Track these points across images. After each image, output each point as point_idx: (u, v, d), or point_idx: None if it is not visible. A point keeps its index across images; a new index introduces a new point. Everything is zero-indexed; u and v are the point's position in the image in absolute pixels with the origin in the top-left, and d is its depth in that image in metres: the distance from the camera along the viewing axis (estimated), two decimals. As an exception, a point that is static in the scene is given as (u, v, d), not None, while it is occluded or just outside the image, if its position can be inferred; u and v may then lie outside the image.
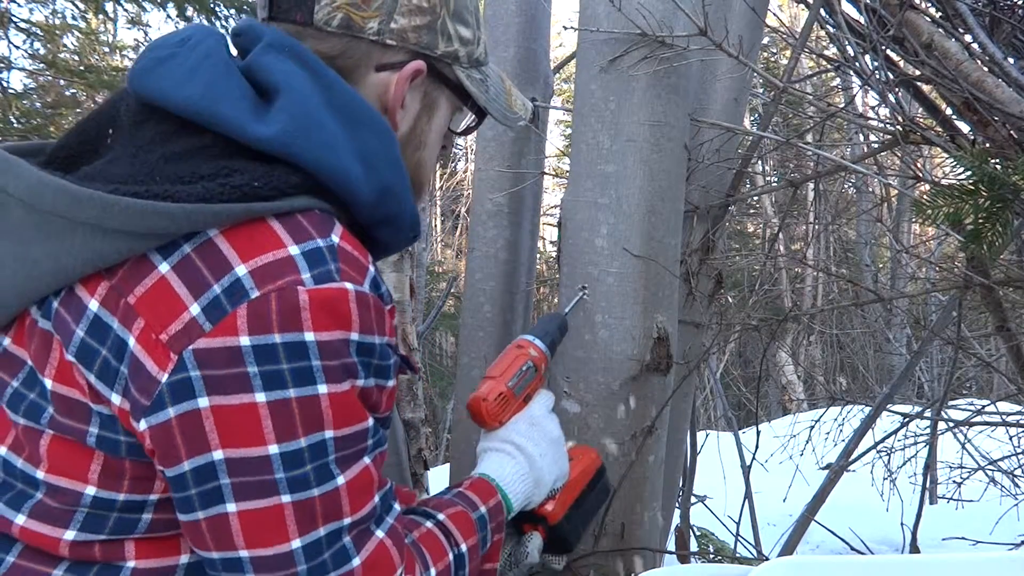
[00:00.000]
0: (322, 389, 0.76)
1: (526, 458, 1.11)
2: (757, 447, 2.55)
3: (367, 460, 0.82)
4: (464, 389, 2.22)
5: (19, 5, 6.39)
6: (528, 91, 2.17)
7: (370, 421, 0.82)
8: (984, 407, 2.94)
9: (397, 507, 0.88)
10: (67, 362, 0.76)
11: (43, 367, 0.78)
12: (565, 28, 2.00)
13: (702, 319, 1.90)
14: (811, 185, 5.41)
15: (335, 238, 0.80)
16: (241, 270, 0.74)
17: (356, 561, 0.80)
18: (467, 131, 1.04)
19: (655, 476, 1.63)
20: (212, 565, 0.78)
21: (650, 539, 1.62)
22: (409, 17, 0.90)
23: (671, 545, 2.17)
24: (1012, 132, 1.56)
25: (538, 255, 2.60)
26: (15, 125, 6.44)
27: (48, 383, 0.77)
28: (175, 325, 0.73)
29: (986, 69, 1.51)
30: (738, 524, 2.41)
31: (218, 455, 0.73)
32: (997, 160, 1.47)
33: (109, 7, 6.46)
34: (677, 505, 2.18)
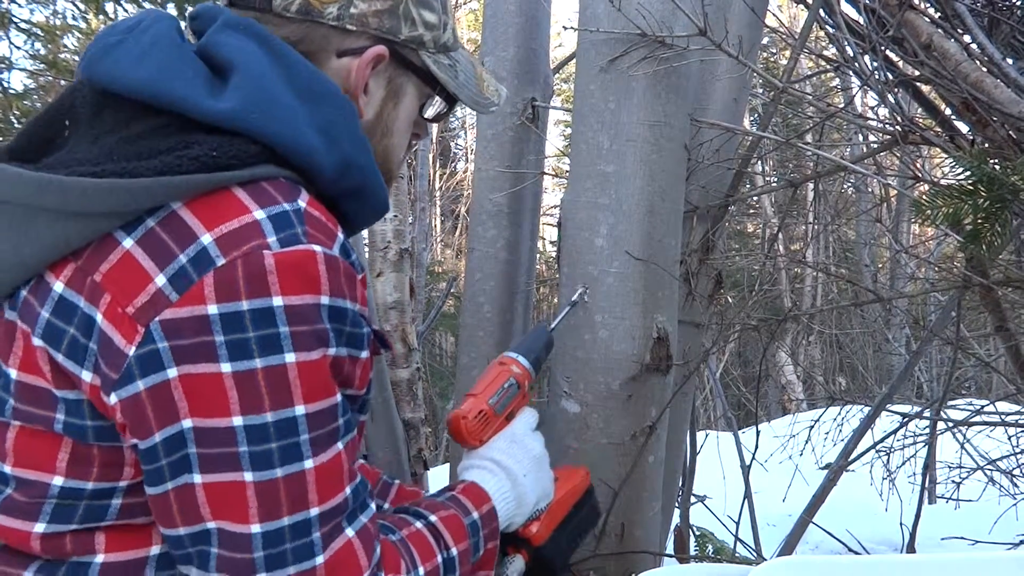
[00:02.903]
0: (290, 358, 0.73)
1: (507, 476, 1.06)
2: (757, 447, 2.55)
3: (340, 445, 0.79)
4: (464, 389, 2.21)
5: (20, 5, 6.40)
6: (528, 91, 2.17)
7: (339, 397, 0.79)
8: (983, 407, 2.94)
9: (373, 506, 0.84)
10: (32, 348, 0.75)
11: (7, 357, 0.77)
12: (565, 28, 2.00)
13: (702, 319, 1.90)
14: (811, 185, 5.41)
15: (301, 203, 0.79)
16: (207, 238, 0.73)
17: (319, 559, 0.76)
18: (438, 118, 1.03)
19: (655, 476, 1.63)
20: (180, 544, 0.76)
21: (650, 539, 1.62)
22: (369, 2, 0.89)
23: (671, 545, 2.18)
24: (1011, 132, 1.56)
25: (538, 255, 2.60)
26: (15, 125, 6.44)
27: (12, 373, 0.77)
28: (141, 297, 0.72)
29: (985, 70, 1.51)
30: (737, 524, 2.42)
31: (187, 423, 0.72)
32: (996, 160, 1.47)
33: (109, 8, 6.45)
34: (677, 505, 2.19)
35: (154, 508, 0.76)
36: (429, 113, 1.01)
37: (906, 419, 2.62)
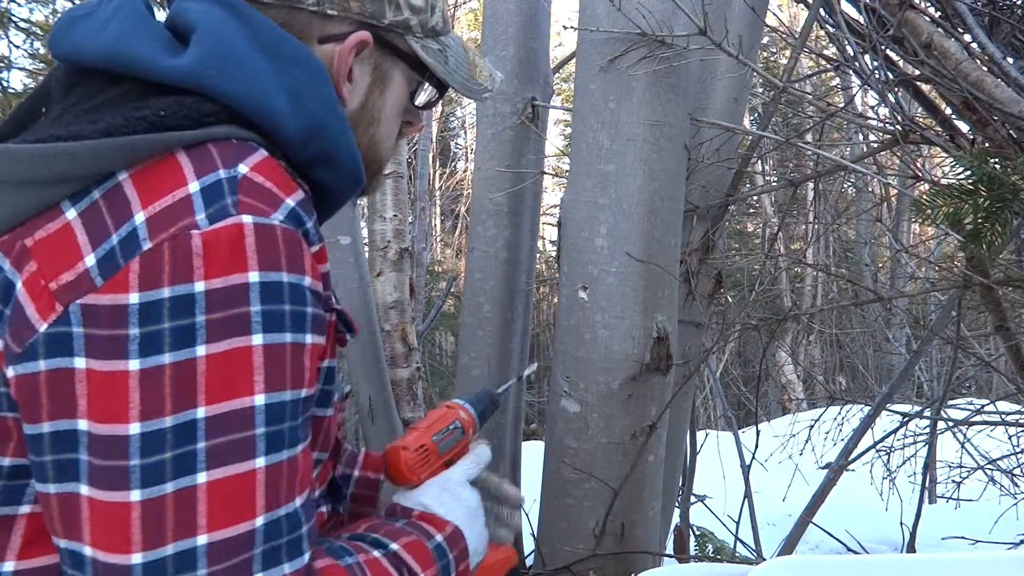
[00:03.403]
0: (200, 351, 0.65)
1: None
2: (757, 447, 2.55)
3: (257, 463, 0.66)
4: (464, 388, 2.22)
5: (19, 5, 6.40)
6: (528, 91, 2.17)
7: (261, 399, 0.66)
8: (983, 407, 2.94)
9: (305, 558, 0.70)
10: None
11: None
12: (565, 28, 2.00)
13: (702, 319, 1.90)
14: (811, 185, 5.41)
15: (242, 168, 0.71)
16: (139, 218, 0.67)
17: None
18: (428, 105, 0.98)
19: (655, 475, 1.63)
20: (61, 557, 0.67)
21: (650, 538, 1.62)
22: None
23: (671, 544, 2.18)
24: (1011, 132, 1.56)
25: (538, 255, 2.60)
26: (15, 125, 6.43)
27: None
28: (67, 275, 0.66)
29: (985, 69, 1.51)
30: (737, 524, 2.41)
31: (82, 424, 0.65)
32: (996, 160, 1.47)
33: (109, 7, 6.45)
34: (677, 504, 2.18)
35: (41, 505, 0.69)
36: (420, 100, 0.96)
37: (906, 419, 2.62)
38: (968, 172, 1.29)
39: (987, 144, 1.61)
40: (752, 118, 7.65)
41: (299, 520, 0.70)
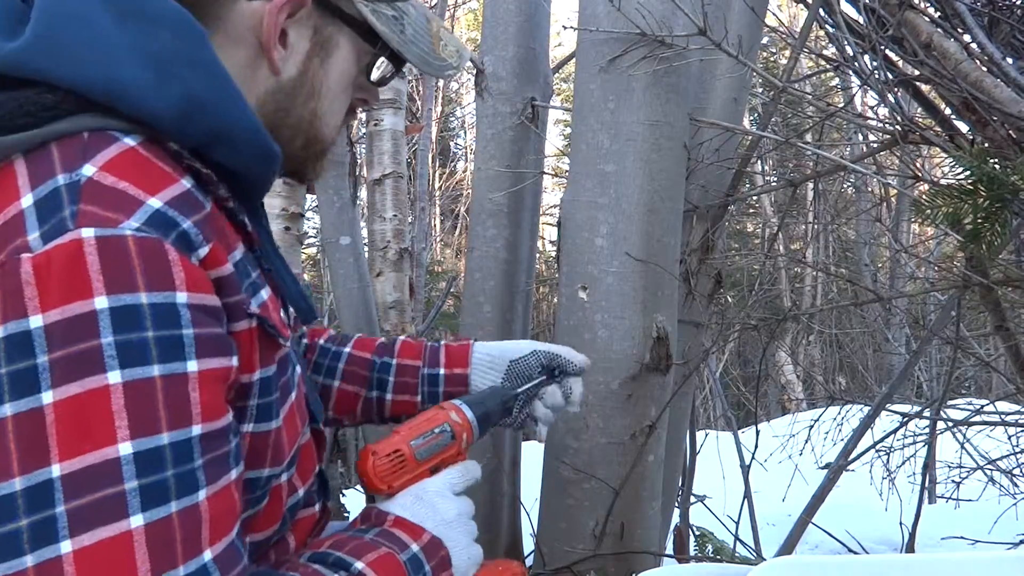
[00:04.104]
0: (46, 397, 0.54)
1: None
2: (756, 447, 2.55)
3: (134, 522, 0.55)
4: (464, 389, 2.21)
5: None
6: (528, 91, 2.17)
7: (127, 448, 0.55)
8: (983, 407, 2.95)
9: None
10: None
11: None
12: (565, 28, 2.00)
13: (702, 319, 1.90)
14: (810, 185, 5.41)
15: (88, 169, 0.59)
16: None
17: None
18: (383, 81, 0.86)
19: (655, 475, 1.63)
20: None
21: (650, 538, 1.62)
22: None
23: (670, 545, 2.18)
24: (1011, 132, 1.56)
25: (538, 255, 2.60)
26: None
27: None
28: None
29: (985, 69, 1.51)
30: (737, 524, 2.42)
31: None
32: (996, 160, 1.47)
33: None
34: (676, 504, 2.19)
35: None
36: (375, 75, 0.85)
37: (906, 419, 2.62)
38: (968, 172, 1.29)
39: (987, 144, 1.61)
40: (752, 118, 7.66)
41: None
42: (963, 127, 1.82)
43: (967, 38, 1.62)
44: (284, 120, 0.78)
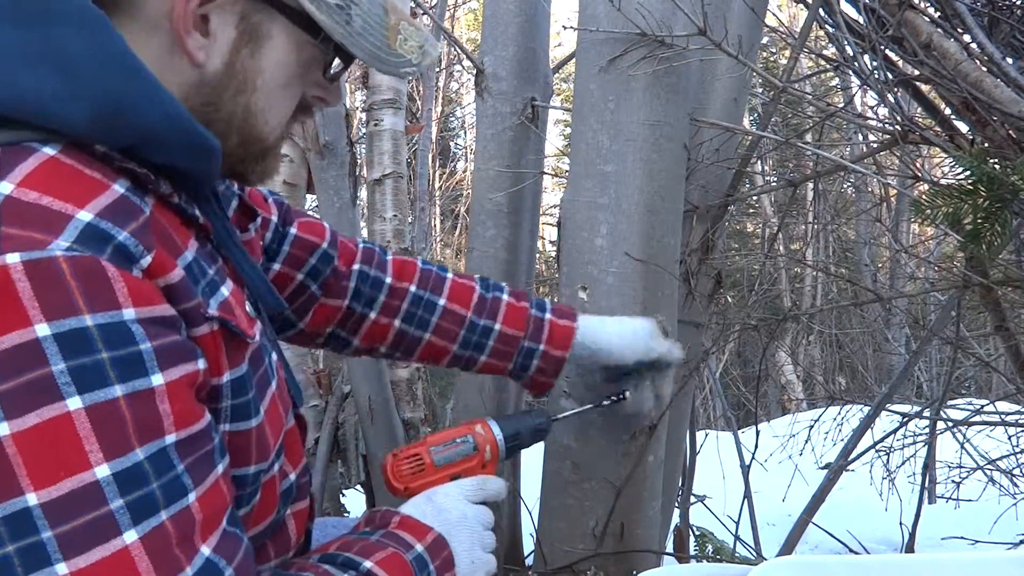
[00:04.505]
0: (2, 429, 0.52)
1: None
2: (756, 447, 2.55)
3: (128, 537, 0.55)
4: (464, 387, 2.22)
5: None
6: (528, 91, 2.17)
7: (104, 470, 0.54)
8: (983, 407, 2.95)
9: None
10: None
11: None
12: (565, 28, 2.00)
13: (702, 319, 1.90)
14: (810, 185, 5.41)
15: (6, 186, 0.56)
16: None
17: None
18: (334, 76, 0.79)
19: (655, 476, 1.63)
20: None
21: (650, 538, 1.62)
22: None
23: (670, 544, 2.18)
24: (1011, 132, 1.56)
25: (538, 255, 2.60)
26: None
27: None
28: None
29: (985, 69, 1.51)
30: (737, 524, 2.42)
31: None
32: (996, 160, 1.47)
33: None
34: (677, 505, 2.19)
35: None
36: (329, 71, 0.79)
37: (906, 419, 2.62)
38: (967, 172, 1.29)
39: (987, 144, 1.61)
40: (752, 118, 7.66)
41: (216, 569, 0.60)
42: (963, 127, 1.82)
43: (967, 38, 1.62)
44: (214, 115, 0.72)
